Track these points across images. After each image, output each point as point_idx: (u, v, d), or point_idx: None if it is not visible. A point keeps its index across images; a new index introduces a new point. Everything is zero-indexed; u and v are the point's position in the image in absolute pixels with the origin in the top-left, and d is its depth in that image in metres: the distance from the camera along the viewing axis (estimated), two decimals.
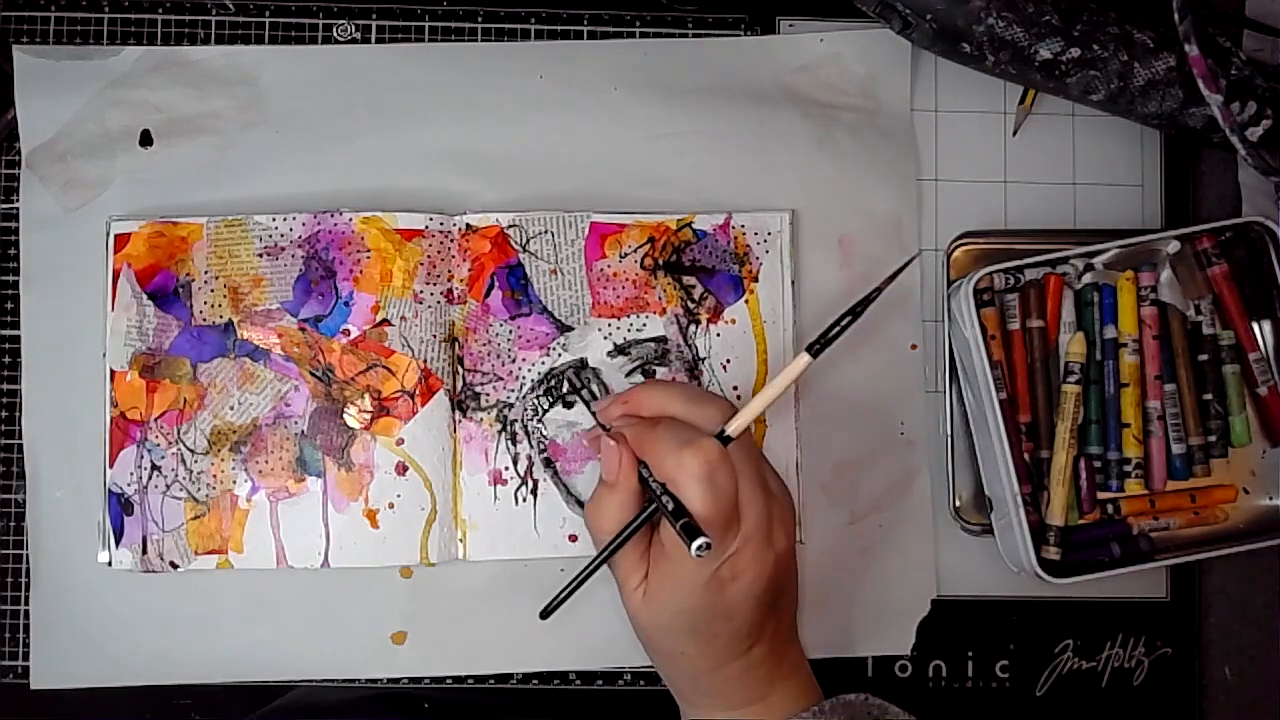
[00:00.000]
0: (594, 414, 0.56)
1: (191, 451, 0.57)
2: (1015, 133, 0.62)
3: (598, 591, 0.58)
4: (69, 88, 0.59)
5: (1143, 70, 0.57)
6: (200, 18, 0.61)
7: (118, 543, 0.57)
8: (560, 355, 0.58)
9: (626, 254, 0.59)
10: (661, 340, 0.59)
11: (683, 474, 0.47)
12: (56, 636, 0.57)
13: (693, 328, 0.59)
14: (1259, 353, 0.59)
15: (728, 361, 0.59)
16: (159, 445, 0.57)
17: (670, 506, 0.48)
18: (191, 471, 0.57)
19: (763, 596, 0.50)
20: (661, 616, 0.50)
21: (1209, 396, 0.59)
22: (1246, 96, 0.56)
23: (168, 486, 0.57)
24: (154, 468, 0.57)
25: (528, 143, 0.60)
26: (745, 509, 0.48)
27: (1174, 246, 0.59)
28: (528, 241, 0.59)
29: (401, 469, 0.57)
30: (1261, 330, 0.59)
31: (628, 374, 0.58)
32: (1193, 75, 0.54)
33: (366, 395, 0.57)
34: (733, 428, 0.49)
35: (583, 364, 0.58)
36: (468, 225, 0.58)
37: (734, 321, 0.59)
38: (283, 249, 0.58)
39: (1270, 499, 0.60)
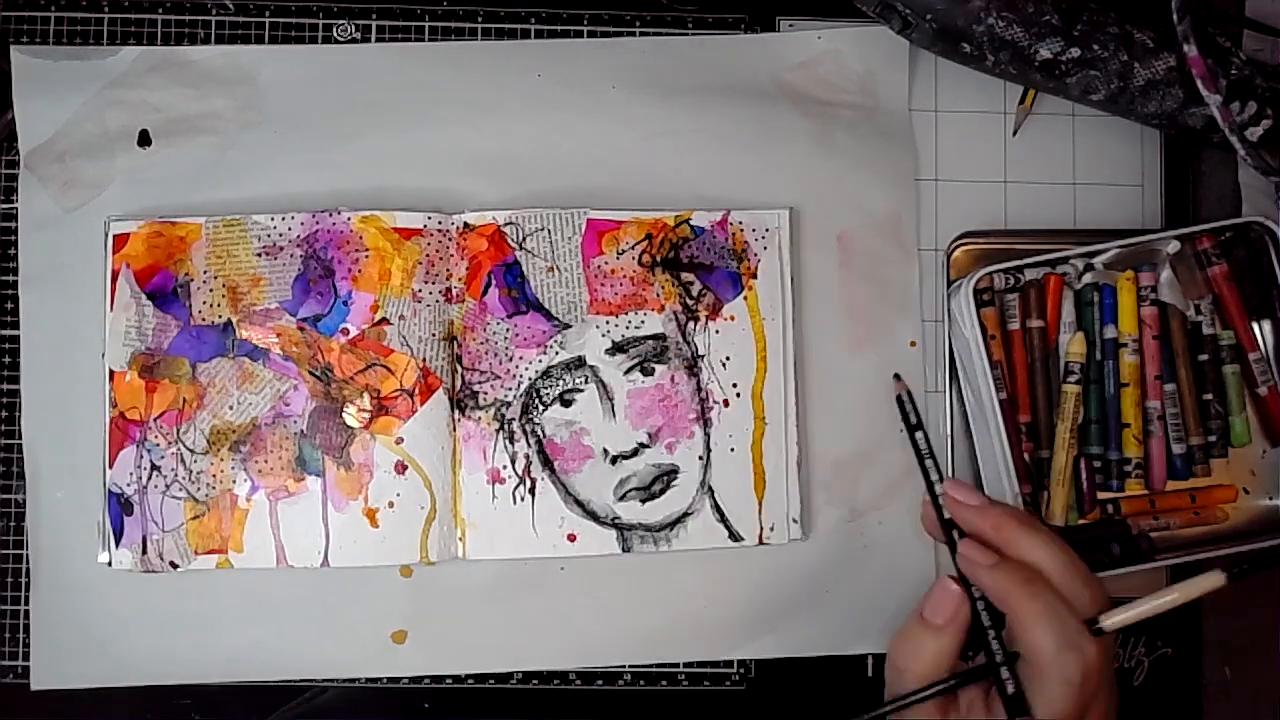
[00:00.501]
0: (931, 489, 0.49)
1: (191, 451, 0.57)
2: (1015, 133, 0.62)
3: (598, 592, 0.58)
4: (67, 88, 0.59)
5: (1143, 70, 0.57)
6: (200, 18, 0.61)
7: (118, 543, 0.57)
8: (558, 353, 0.58)
9: (624, 251, 0.59)
10: (660, 337, 0.59)
11: (1055, 669, 0.42)
12: (56, 636, 0.57)
13: (691, 325, 0.59)
14: (1259, 353, 0.59)
15: (726, 359, 0.59)
16: (158, 445, 0.57)
17: (1010, 690, 0.43)
18: (191, 471, 0.57)
19: None
20: None
21: (1209, 396, 0.59)
22: (1246, 96, 0.56)
23: (167, 486, 0.57)
24: (154, 468, 0.57)
25: (527, 142, 0.60)
26: (1090, 712, 0.44)
27: (1174, 246, 0.59)
28: (524, 239, 0.59)
29: (401, 468, 0.57)
30: (1261, 330, 0.59)
31: (626, 371, 0.58)
32: (1192, 75, 0.54)
33: (365, 394, 0.57)
34: (1111, 622, 0.44)
35: (580, 362, 0.58)
36: (466, 224, 0.58)
37: (733, 318, 0.59)
38: (281, 248, 0.58)
39: (1270, 499, 0.59)
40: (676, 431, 0.58)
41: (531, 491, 0.58)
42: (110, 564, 0.57)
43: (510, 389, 0.58)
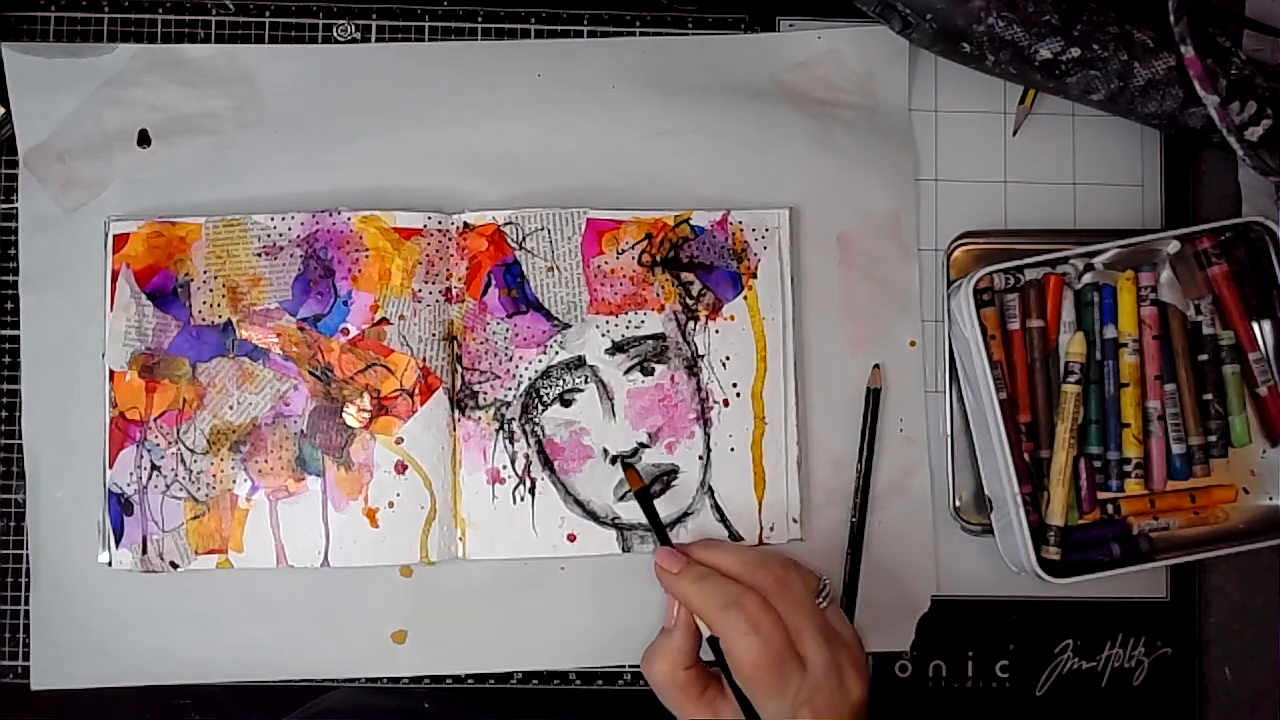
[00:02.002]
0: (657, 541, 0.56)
1: (191, 451, 0.57)
2: (1015, 133, 0.62)
3: (598, 592, 0.59)
4: (63, 86, 0.59)
5: (1143, 70, 0.57)
6: (200, 18, 0.61)
7: (118, 543, 0.57)
8: (558, 353, 0.58)
9: (624, 250, 0.59)
10: (660, 337, 0.59)
11: (730, 629, 0.50)
12: (56, 636, 0.57)
13: (691, 324, 0.59)
14: (1259, 353, 0.59)
15: (726, 358, 0.59)
16: (158, 445, 0.57)
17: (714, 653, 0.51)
18: (191, 471, 0.57)
19: None
20: None
21: (1209, 396, 0.59)
22: (1246, 96, 0.56)
23: (167, 486, 0.57)
24: (154, 468, 0.57)
25: (527, 142, 0.60)
26: (809, 657, 0.50)
27: (1174, 246, 0.59)
28: (524, 239, 0.59)
29: (401, 468, 0.57)
30: (1261, 330, 0.59)
31: (626, 371, 0.58)
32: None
33: (365, 394, 0.57)
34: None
35: (580, 362, 0.58)
36: (465, 224, 0.58)
37: (733, 318, 0.59)
38: (281, 248, 0.58)
39: (1270, 499, 0.59)
40: (676, 431, 0.58)
41: (531, 491, 0.58)
42: (110, 564, 0.57)
43: (510, 389, 0.58)
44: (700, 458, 0.59)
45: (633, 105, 0.60)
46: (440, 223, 0.58)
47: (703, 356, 0.59)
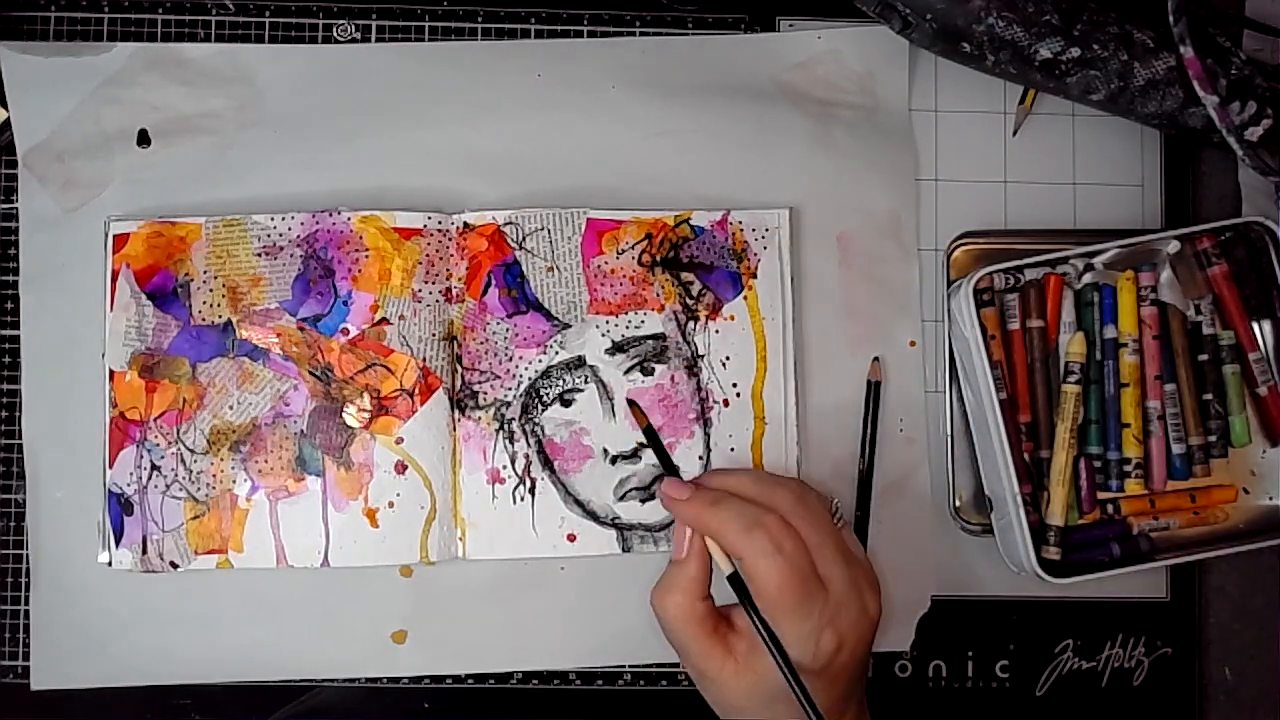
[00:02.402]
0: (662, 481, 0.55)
1: (191, 451, 0.57)
2: (1015, 133, 0.62)
3: (598, 592, 0.58)
4: (61, 85, 0.59)
5: (1143, 70, 0.57)
6: (200, 17, 0.61)
7: (118, 543, 0.57)
8: (558, 353, 0.58)
9: (624, 250, 0.59)
10: (660, 337, 0.59)
11: (753, 551, 0.49)
12: (56, 636, 0.57)
13: (691, 324, 0.59)
14: (1259, 353, 0.59)
15: (726, 359, 0.59)
16: (158, 445, 0.57)
17: (728, 570, 0.51)
18: (191, 471, 0.57)
19: (863, 661, 0.51)
20: (758, 693, 0.50)
21: (1209, 396, 0.59)
22: (1247, 96, 0.56)
23: (167, 486, 0.57)
24: (154, 468, 0.57)
25: (526, 141, 0.60)
26: (829, 577, 0.50)
27: (1174, 246, 0.59)
28: (524, 239, 0.59)
29: (401, 468, 0.57)
30: (1261, 330, 0.59)
31: (626, 371, 0.58)
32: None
33: (365, 394, 0.57)
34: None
35: (580, 362, 0.58)
36: (465, 224, 0.58)
37: (733, 318, 0.59)
38: (281, 248, 0.58)
39: (1270, 499, 0.59)
40: (676, 431, 0.58)
41: (531, 491, 0.58)
42: (110, 564, 0.57)
43: (510, 389, 0.58)
44: (700, 458, 0.59)
45: (633, 105, 0.60)
46: (440, 223, 0.58)
47: (703, 356, 0.59)
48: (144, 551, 0.57)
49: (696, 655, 0.51)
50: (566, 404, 0.58)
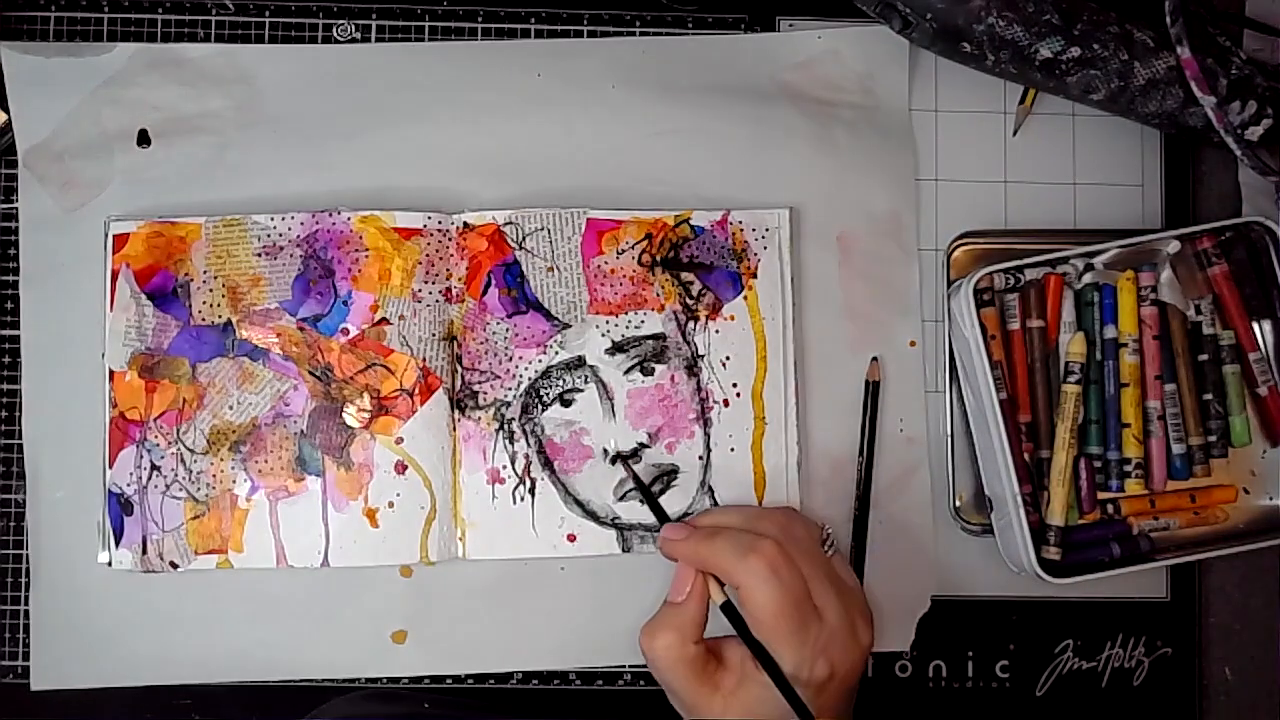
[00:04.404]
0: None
1: (191, 451, 0.57)
2: (1015, 133, 0.62)
3: (598, 592, 0.58)
4: (61, 85, 0.59)
5: (1143, 69, 0.57)
6: (200, 17, 0.61)
7: (118, 543, 0.57)
8: (557, 353, 0.58)
9: (624, 250, 0.59)
10: (660, 337, 0.59)
11: (750, 577, 0.49)
12: (56, 636, 0.57)
13: (691, 324, 0.59)
14: (1259, 353, 0.59)
15: (726, 359, 0.59)
16: (158, 445, 0.57)
17: (720, 599, 0.51)
18: (191, 471, 0.57)
19: (853, 690, 0.52)
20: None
21: (1209, 396, 0.59)
22: (1247, 96, 0.56)
23: (167, 486, 0.57)
24: (153, 468, 0.57)
25: (526, 141, 0.60)
26: (823, 605, 0.50)
27: (1174, 246, 0.59)
28: (524, 239, 0.59)
29: (401, 468, 0.57)
30: (1261, 330, 0.59)
31: (626, 371, 0.58)
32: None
33: (365, 394, 0.57)
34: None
35: (580, 362, 0.58)
36: (465, 223, 0.58)
37: (733, 318, 0.59)
38: (281, 248, 0.58)
39: (1270, 499, 0.59)
40: (676, 431, 0.58)
41: (531, 491, 0.58)
42: (110, 564, 0.57)
43: (510, 389, 0.58)
44: (700, 458, 0.59)
45: (633, 105, 0.60)
46: (440, 223, 0.58)
47: (703, 356, 0.59)
48: (144, 551, 0.57)
49: (684, 693, 0.51)
50: (566, 404, 0.58)
